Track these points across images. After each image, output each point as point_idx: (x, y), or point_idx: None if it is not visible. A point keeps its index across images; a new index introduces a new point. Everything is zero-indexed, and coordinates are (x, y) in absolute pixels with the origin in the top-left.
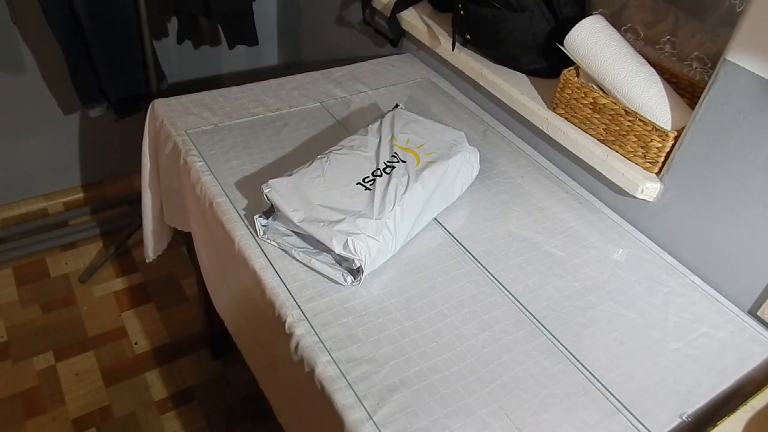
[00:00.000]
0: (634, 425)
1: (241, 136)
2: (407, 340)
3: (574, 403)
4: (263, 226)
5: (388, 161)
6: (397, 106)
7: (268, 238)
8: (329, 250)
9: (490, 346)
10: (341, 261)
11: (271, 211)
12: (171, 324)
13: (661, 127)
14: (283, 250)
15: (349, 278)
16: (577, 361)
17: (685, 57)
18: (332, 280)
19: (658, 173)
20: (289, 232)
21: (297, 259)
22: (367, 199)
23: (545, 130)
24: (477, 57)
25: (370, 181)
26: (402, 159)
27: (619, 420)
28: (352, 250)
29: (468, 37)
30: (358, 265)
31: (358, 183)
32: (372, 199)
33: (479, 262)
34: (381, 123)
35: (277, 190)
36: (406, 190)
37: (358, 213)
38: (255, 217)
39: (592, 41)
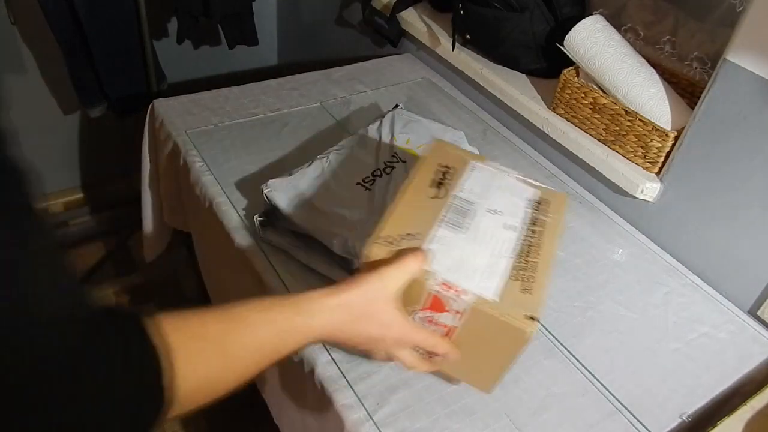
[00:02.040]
0: (634, 425)
1: (241, 136)
2: None
3: (574, 403)
4: (263, 226)
5: (388, 161)
6: (397, 106)
7: (268, 238)
8: (329, 250)
9: None
10: (341, 261)
11: (271, 211)
12: None
13: (661, 127)
14: (283, 250)
15: None
16: (577, 361)
17: (685, 57)
18: (332, 280)
19: (657, 173)
20: (289, 232)
21: (297, 259)
22: (367, 199)
23: (545, 130)
24: (477, 57)
25: (370, 181)
26: (402, 159)
27: (619, 420)
28: (352, 251)
29: (468, 37)
30: (358, 265)
31: (358, 183)
32: (372, 200)
33: None
34: (381, 123)
35: (277, 190)
36: None
37: (358, 213)
38: (255, 217)
39: (592, 41)
